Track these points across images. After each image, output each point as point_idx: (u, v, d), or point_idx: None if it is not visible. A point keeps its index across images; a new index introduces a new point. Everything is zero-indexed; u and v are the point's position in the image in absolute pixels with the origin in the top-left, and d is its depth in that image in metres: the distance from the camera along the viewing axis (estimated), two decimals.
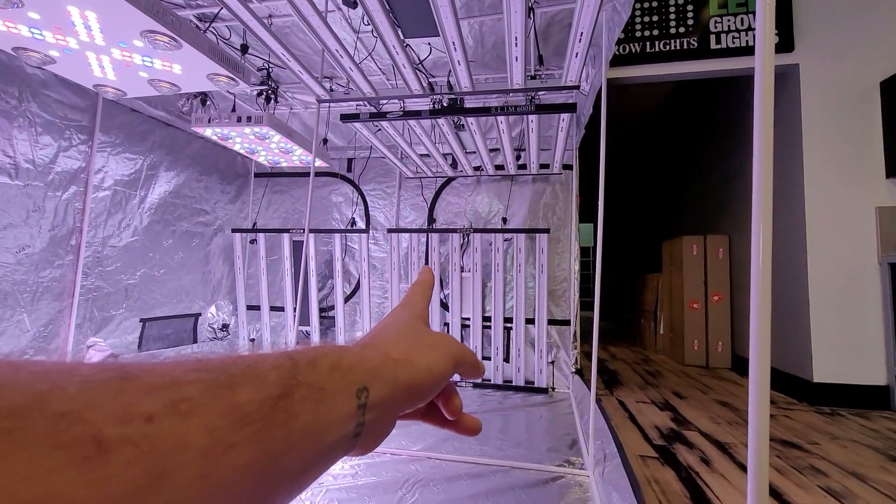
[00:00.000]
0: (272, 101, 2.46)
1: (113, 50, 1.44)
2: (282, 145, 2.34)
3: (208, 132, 2.14)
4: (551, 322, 2.89)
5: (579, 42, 1.44)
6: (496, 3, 1.81)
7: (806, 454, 1.85)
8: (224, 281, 3.24)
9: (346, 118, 2.06)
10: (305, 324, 3.08)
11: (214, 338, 3.12)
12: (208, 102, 2.57)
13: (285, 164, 2.78)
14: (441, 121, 2.15)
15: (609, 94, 1.52)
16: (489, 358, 2.89)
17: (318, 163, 2.58)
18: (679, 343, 3.98)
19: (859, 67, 2.74)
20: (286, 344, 3.32)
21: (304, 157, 2.60)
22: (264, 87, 2.40)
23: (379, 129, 2.42)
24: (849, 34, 2.77)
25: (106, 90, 1.76)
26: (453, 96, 1.89)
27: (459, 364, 0.28)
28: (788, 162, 2.88)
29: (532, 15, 1.52)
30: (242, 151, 2.50)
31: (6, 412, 0.10)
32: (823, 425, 2.23)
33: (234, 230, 3.10)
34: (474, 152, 2.71)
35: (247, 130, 2.09)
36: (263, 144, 2.33)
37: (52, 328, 2.08)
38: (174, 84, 1.70)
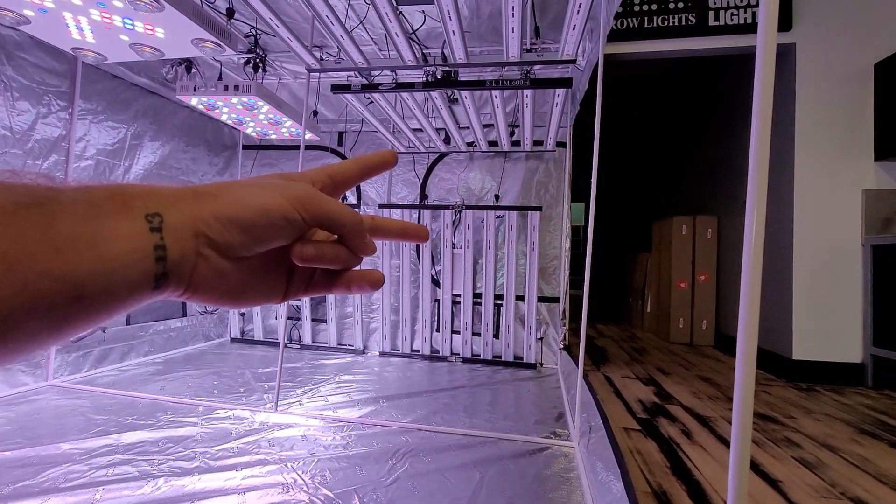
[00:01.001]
0: (260, 70, 2.38)
1: (91, 10, 1.37)
2: (270, 116, 2.28)
3: (194, 101, 2.07)
4: (541, 299, 2.92)
5: (577, 14, 1.41)
6: None
7: (782, 427, 1.92)
8: None
9: (337, 89, 2.01)
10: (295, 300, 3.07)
11: (204, 311, 3.11)
12: (193, 70, 2.48)
13: (274, 137, 2.72)
14: (434, 94, 2.10)
15: (605, 71, 1.49)
16: (478, 334, 2.93)
17: (309, 135, 2.53)
18: (665, 321, 4.06)
19: (855, 49, 2.73)
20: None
21: (294, 130, 2.54)
22: (252, 55, 2.32)
23: (371, 102, 2.37)
24: (846, 15, 2.75)
25: (85, 54, 1.68)
26: (447, 68, 1.85)
27: (307, 205, 0.25)
28: (780, 142, 2.89)
29: None
30: (230, 122, 2.43)
31: None
32: (800, 400, 2.31)
33: None
34: (468, 127, 2.67)
35: (234, 100, 2.03)
36: (252, 115, 2.27)
37: None
38: (157, 49, 1.63)
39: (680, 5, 2.88)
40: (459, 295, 2.94)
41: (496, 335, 2.91)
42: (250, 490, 1.23)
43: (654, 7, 2.90)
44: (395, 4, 1.54)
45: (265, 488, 1.24)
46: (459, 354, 2.94)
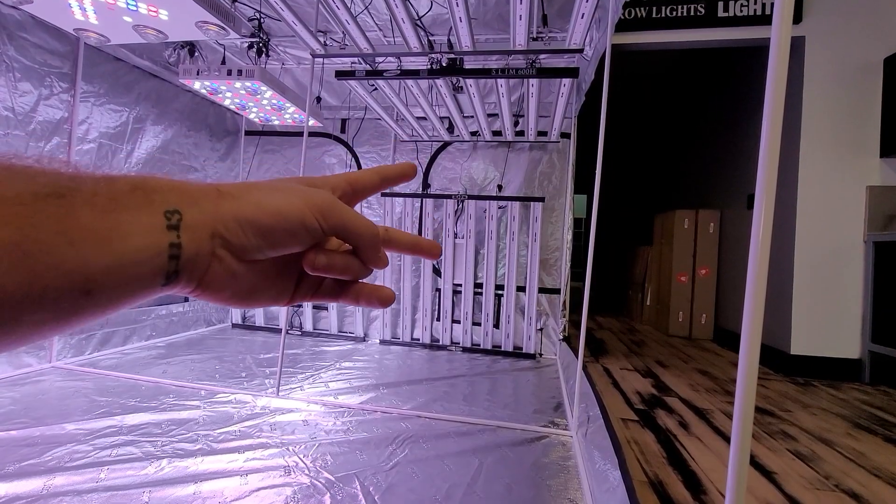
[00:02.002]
0: (263, 55, 2.36)
1: None
2: (274, 102, 2.26)
3: (197, 85, 2.05)
4: (542, 290, 2.93)
5: (587, 1, 1.39)
6: None
7: (778, 420, 1.94)
8: None
9: (341, 75, 2.00)
10: None
11: None
12: (196, 53, 2.46)
13: (277, 123, 2.70)
14: (439, 82, 2.08)
15: (612, 61, 1.48)
16: (479, 324, 2.94)
17: (312, 122, 2.51)
18: (665, 314, 4.07)
19: (865, 43, 2.70)
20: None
21: (297, 116, 2.52)
22: (255, 40, 2.30)
23: (375, 89, 2.35)
24: (857, 9, 2.71)
25: (88, 35, 1.67)
26: (453, 56, 1.83)
27: (327, 215, 0.25)
28: (786, 135, 2.87)
29: None
30: (233, 107, 2.42)
31: None
32: (797, 394, 2.33)
33: None
34: (472, 116, 2.65)
35: (237, 84, 2.01)
36: (255, 100, 2.26)
37: None
38: (160, 31, 1.62)
39: None
40: (460, 284, 2.95)
41: (496, 325, 2.93)
42: (252, 472, 1.24)
43: None
44: None
45: (267, 471, 1.26)
46: (459, 344, 2.95)
